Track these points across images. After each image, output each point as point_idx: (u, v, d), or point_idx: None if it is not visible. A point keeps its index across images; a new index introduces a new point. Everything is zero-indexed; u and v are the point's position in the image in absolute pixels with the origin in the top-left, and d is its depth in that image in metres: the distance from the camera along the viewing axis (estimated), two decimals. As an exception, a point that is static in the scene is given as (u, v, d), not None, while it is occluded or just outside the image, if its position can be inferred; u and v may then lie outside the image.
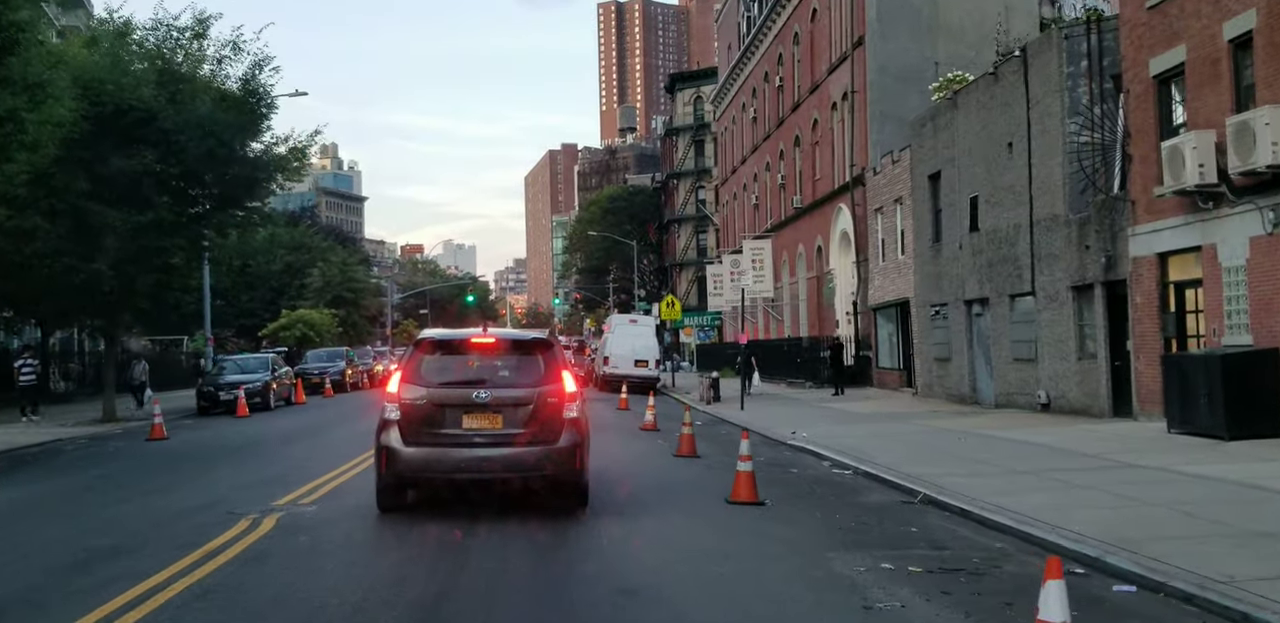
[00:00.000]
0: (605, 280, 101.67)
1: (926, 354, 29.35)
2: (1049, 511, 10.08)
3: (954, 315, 27.36)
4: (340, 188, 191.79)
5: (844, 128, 37.66)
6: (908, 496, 12.14)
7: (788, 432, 20.26)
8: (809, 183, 42.46)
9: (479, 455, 10.16)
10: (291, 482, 13.05)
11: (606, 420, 23.85)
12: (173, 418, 28.01)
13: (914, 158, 29.91)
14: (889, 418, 23.12)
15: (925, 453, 15.74)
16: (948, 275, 27.63)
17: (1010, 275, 24.05)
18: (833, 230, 38.58)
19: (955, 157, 26.88)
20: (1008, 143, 24.00)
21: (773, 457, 16.39)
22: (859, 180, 35.12)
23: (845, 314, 38.16)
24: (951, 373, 27.62)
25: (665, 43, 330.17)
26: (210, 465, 15.90)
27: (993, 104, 24.81)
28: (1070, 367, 21.58)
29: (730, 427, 22.84)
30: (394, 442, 10.16)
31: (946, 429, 19.57)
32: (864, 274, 35.23)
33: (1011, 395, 24.14)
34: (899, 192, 31.31)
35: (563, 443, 10.22)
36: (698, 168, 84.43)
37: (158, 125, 23.29)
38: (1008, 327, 24.36)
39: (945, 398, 27.80)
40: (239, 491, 12.59)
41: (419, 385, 10.31)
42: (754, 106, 53.39)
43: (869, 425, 21.36)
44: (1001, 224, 24.35)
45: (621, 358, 37.97)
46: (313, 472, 14.05)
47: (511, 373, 10.57)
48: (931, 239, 28.88)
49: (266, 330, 50.44)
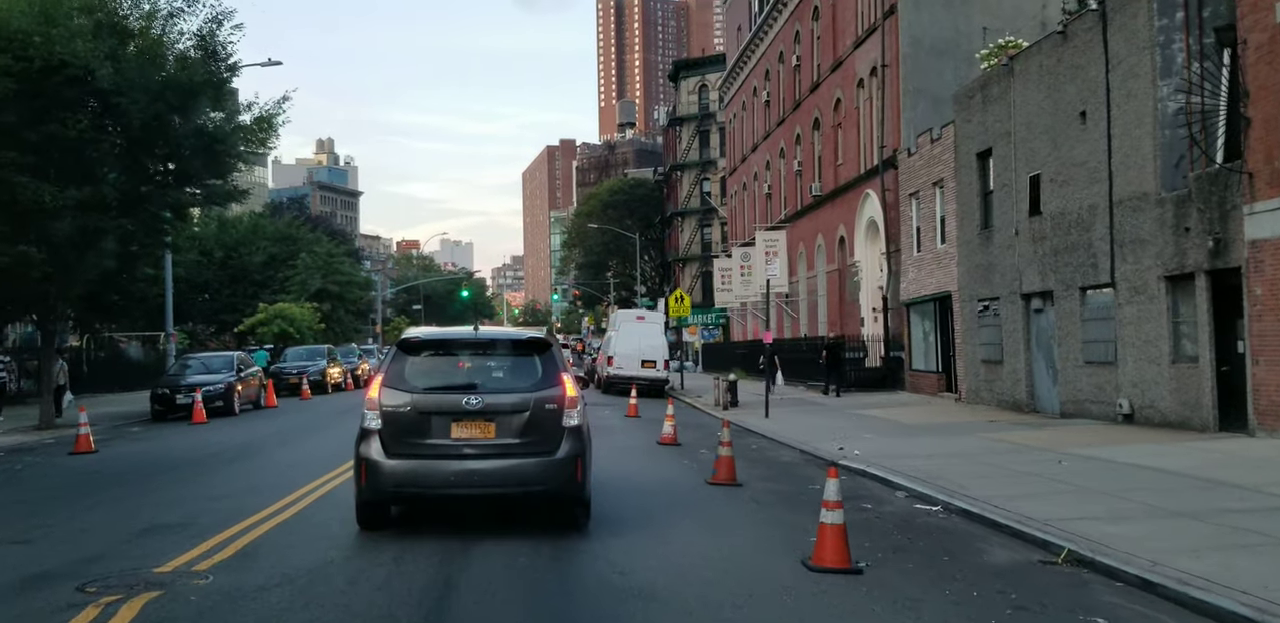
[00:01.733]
0: (605, 277, 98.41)
1: (972, 355, 26.12)
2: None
3: (1008, 311, 24.13)
4: (335, 182, 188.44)
5: (871, 107, 34.42)
6: (1042, 550, 8.91)
7: (832, 446, 17.05)
8: (830, 169, 39.21)
9: (469, 468, 9.11)
10: (206, 526, 9.78)
11: (615, 431, 20.61)
12: (123, 423, 24.84)
13: (959, 135, 26.67)
14: (944, 430, 19.88)
15: (1024, 481, 12.49)
16: (1000, 266, 24.40)
17: (1082, 265, 20.82)
18: (858, 219, 35.33)
19: (1011, 131, 23.63)
20: (1080, 112, 20.77)
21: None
22: (890, 163, 31.88)
23: (872, 311, 34.93)
24: (1004, 377, 24.38)
25: (664, 38, 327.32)
26: (116, 494, 12.55)
27: (1060, 68, 21.57)
28: (1161, 371, 18.35)
29: (759, 439, 19.59)
30: (374, 453, 9.17)
31: (1026, 446, 16.32)
32: (895, 267, 31.99)
33: (1082, 403, 20.92)
34: (939, 174, 28.06)
35: (562, 454, 9.28)
36: (702, 159, 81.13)
37: (95, 85, 19.99)
38: (1078, 324, 21.13)
39: (995, 405, 24.58)
40: (125, 542, 9.25)
41: (402, 390, 9.32)
42: (766, 90, 50.11)
43: (926, 439, 18.11)
44: (1071, 206, 21.12)
45: (627, 357, 34.73)
46: (244, 507, 10.81)
47: (505, 376, 9.64)
48: (979, 226, 25.64)
49: (242, 326, 47.08)
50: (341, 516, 10.16)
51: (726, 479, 12.65)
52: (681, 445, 17.56)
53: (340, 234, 77.68)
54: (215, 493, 12.15)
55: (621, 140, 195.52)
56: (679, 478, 13.57)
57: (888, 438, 18.48)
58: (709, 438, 19.52)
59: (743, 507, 11.19)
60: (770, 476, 13.83)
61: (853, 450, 16.15)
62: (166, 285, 33.03)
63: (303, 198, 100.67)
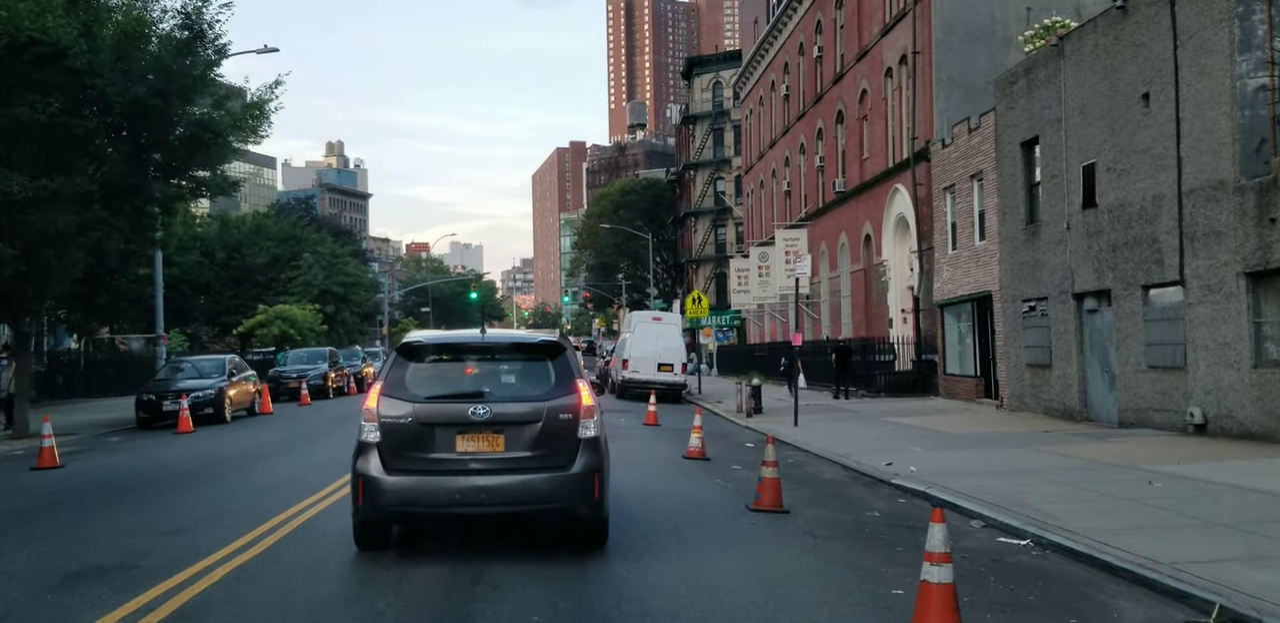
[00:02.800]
0: (615, 278, 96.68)
1: (1016, 359, 24.31)
2: None
3: (1057, 312, 22.32)
4: (344, 184, 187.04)
5: (901, 96, 32.64)
6: (1181, 606, 7.15)
7: (877, 461, 15.29)
8: (854, 163, 37.41)
9: (476, 485, 8.35)
10: (149, 571, 8.03)
11: (635, 442, 18.87)
12: (106, 432, 23.23)
13: (1000, 123, 24.87)
14: (996, 441, 18.08)
15: (1121, 508, 10.69)
16: (1048, 263, 22.60)
17: (1145, 261, 19.01)
18: (886, 215, 33.53)
19: (1061, 117, 21.83)
20: (1142, 94, 18.97)
21: (889, 511, 11.34)
22: (922, 155, 30.09)
23: (901, 312, 33.13)
24: (1052, 382, 22.57)
25: (675, 39, 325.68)
26: (59, 523, 10.74)
27: (1118, 47, 19.78)
28: (1241, 377, 16.54)
29: (793, 452, 17.82)
30: (373, 469, 8.35)
31: (1099, 462, 14.52)
32: (927, 265, 30.19)
33: (1144, 412, 19.10)
34: (978, 165, 26.26)
35: (578, 468, 8.49)
36: (716, 158, 79.34)
37: (67, 65, 18.31)
38: (1139, 325, 19.32)
39: (1042, 412, 22.78)
40: (40, 595, 7.41)
41: (403, 400, 8.52)
42: (785, 83, 48.32)
43: (980, 453, 16.32)
44: (1132, 196, 19.32)
45: (643, 360, 32.98)
46: (203, 544, 9.09)
47: (515, 384, 8.90)
48: (1024, 220, 23.84)
49: (241, 328, 45.35)
50: (316, 557, 8.48)
51: (771, 505, 10.86)
52: (710, 460, 15.81)
53: (346, 234, 75.92)
54: (174, 523, 10.41)
55: (632, 141, 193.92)
56: (715, 502, 11.77)
57: (937, 451, 16.69)
58: (738, 451, 17.80)
59: (797, 543, 9.36)
60: (818, 499, 12.05)
61: (905, 467, 14.38)
62: (157, 285, 31.33)
63: (310, 198, 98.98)
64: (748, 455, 16.85)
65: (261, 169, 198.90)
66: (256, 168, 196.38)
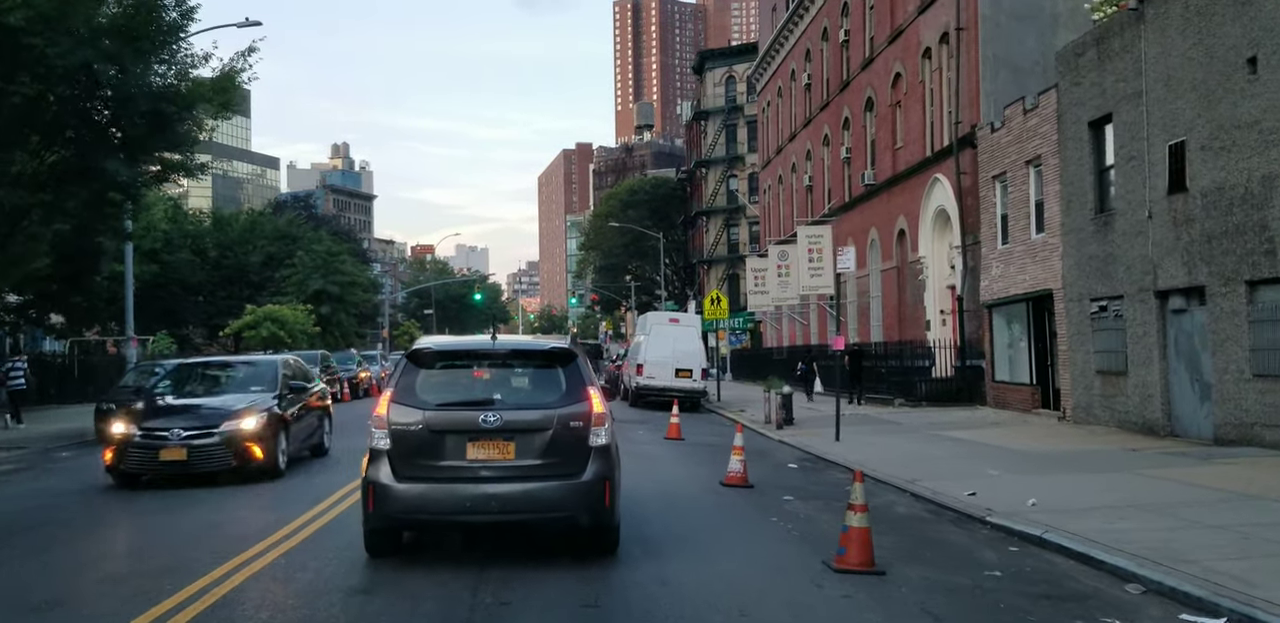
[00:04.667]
0: (623, 280, 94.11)
1: (1083, 365, 21.65)
2: None
3: (1135, 312, 19.67)
4: (349, 186, 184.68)
5: (941, 79, 30.02)
6: None
7: (955, 489, 12.68)
8: (886, 153, 34.78)
9: (487, 493, 8.24)
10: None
11: (660, 462, 16.25)
12: (60, 445, 20.68)
13: (1063, 101, 22.24)
14: (1080, 462, 15.43)
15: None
16: (1124, 257, 19.95)
17: (1250, 252, 16.36)
18: (923, 208, 30.89)
19: (1142, 90, 19.18)
20: (1248, 58, 16.32)
21: (1010, 568, 8.65)
22: (967, 141, 27.45)
23: (940, 313, 30.47)
24: (1128, 392, 19.91)
25: (682, 41, 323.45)
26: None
27: (1216, 6, 17.14)
28: (1382, 389, 13.90)
29: (847, 474, 15.15)
30: (383, 477, 8.27)
31: (1231, 492, 11.86)
32: (973, 261, 27.55)
33: (1249, 428, 16.43)
34: (1035, 150, 23.63)
35: (589, 476, 8.39)
36: (729, 155, 76.69)
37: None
38: (1243, 327, 16.65)
39: (1115, 425, 20.14)
40: None
41: (414, 407, 8.45)
42: (808, 71, 45.69)
43: (1072, 478, 13.66)
44: (1233, 178, 16.67)
45: (659, 366, 30.37)
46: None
47: (526, 391, 8.86)
48: (1093, 209, 21.20)
49: (229, 329, 42.71)
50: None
51: (861, 564, 8.18)
52: (754, 488, 13.16)
53: (345, 232, 73.25)
54: (47, 591, 7.77)
55: (639, 143, 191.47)
56: (780, 557, 9.09)
57: (1019, 475, 14.05)
58: (782, 474, 15.17)
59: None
60: (910, 549, 9.38)
61: (995, 499, 11.74)
62: (126, 282, 28.62)
63: (309, 195, 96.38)
64: (795, 481, 14.25)
65: (265, 170, 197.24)
66: (260, 168, 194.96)
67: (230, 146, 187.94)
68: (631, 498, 11.20)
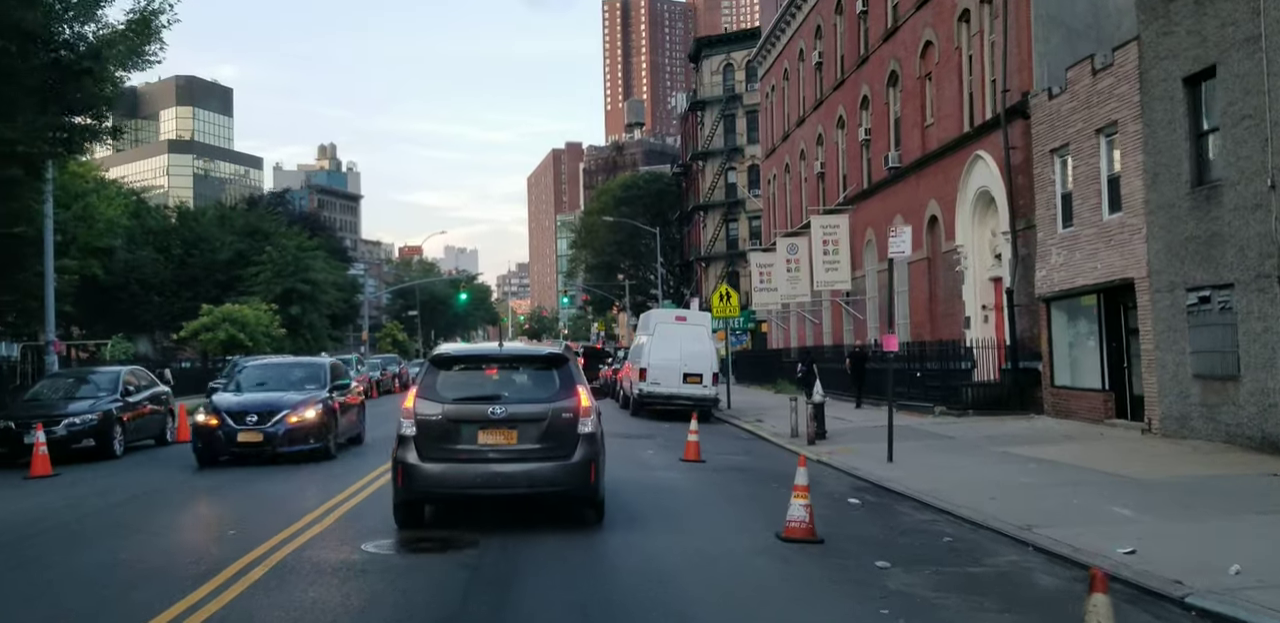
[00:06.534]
0: (616, 279, 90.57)
1: (1176, 368, 18.20)
2: None
3: (1251, 303, 16.22)
4: (335, 186, 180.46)
5: (982, 42, 26.57)
6: None
7: (1092, 538, 9.25)
8: (913, 132, 31.32)
9: (494, 471, 10.10)
10: None
11: (682, 500, 12.72)
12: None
13: (1147, 55, 18.81)
14: (1227, 495, 11.98)
15: None
16: (1235, 238, 16.50)
17: None
18: (961, 190, 27.41)
19: (1260, 34, 15.74)
20: None
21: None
22: (1017, 111, 24.00)
23: (981, 309, 27.00)
24: (1241, 401, 16.46)
25: (671, 40, 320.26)
26: None
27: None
28: None
29: (921, 512, 11.64)
30: (411, 458, 10.10)
31: None
32: (1026, 249, 24.10)
33: None
34: (1108, 115, 20.18)
35: (577, 458, 10.15)
36: (728, 146, 73.18)
37: None
38: None
39: (1222, 440, 16.70)
40: None
41: (435, 401, 10.29)
42: (818, 49, 42.20)
43: (1238, 525, 10.19)
44: (1400, 133, 13.24)
45: (666, 370, 26.82)
46: None
47: (527, 388, 10.58)
48: (1190, 182, 17.75)
49: (184, 332, 38.94)
50: None
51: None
52: (825, 545, 9.56)
53: (322, 229, 69.37)
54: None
55: (630, 141, 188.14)
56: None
57: (1166, 520, 10.55)
58: (846, 516, 11.59)
59: None
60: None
61: (1166, 561, 8.27)
62: (47, 273, 24.75)
63: (286, 190, 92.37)
64: (871, 528, 10.75)
65: (248, 170, 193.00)
66: (243, 168, 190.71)
67: (212, 146, 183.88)
68: (657, 570, 7.83)
